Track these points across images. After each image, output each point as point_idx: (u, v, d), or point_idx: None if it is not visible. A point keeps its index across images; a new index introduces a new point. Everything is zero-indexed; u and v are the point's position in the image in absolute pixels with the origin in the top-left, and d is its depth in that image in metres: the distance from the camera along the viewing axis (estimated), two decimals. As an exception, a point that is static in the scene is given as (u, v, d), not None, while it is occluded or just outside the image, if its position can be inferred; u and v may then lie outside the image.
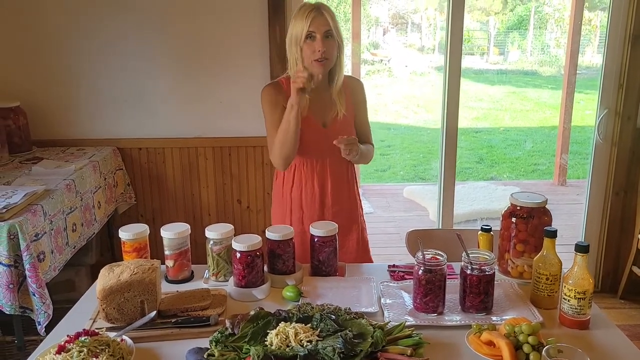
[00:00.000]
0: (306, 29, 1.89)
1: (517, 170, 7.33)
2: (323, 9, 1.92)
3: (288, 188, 2.10)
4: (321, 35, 1.90)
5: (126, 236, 1.68)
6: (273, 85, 2.08)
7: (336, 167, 2.08)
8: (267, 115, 2.06)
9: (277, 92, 2.04)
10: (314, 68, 1.94)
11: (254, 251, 1.60)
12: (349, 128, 2.07)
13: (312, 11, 1.90)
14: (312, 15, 1.90)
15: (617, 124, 3.16)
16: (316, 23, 1.90)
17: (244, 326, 1.33)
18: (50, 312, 2.00)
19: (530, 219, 1.64)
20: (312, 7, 1.92)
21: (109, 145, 2.98)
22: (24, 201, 2.05)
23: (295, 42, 1.94)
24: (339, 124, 2.05)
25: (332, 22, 1.92)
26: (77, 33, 2.89)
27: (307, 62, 1.94)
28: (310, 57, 1.93)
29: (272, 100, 2.04)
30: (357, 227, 2.17)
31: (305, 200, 2.08)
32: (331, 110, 2.06)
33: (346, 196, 2.12)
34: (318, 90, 2.03)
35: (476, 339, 1.33)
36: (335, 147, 2.00)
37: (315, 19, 1.90)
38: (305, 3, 1.97)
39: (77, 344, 1.24)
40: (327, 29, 1.91)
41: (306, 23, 1.90)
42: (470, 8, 11.08)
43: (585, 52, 10.36)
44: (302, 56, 1.94)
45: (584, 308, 1.43)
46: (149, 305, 1.45)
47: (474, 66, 11.49)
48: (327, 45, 1.91)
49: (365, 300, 1.58)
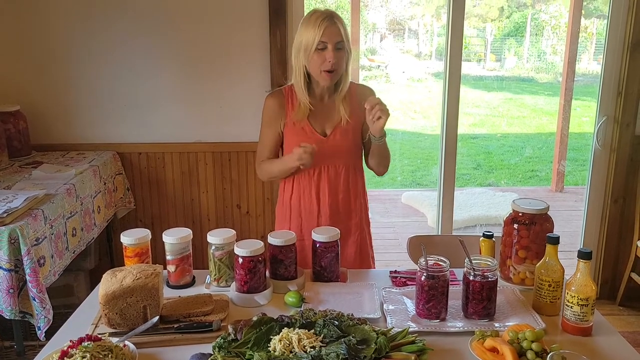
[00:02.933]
0: (318, 38, 1.85)
1: (514, 176, 7.34)
2: (336, 19, 1.87)
3: (288, 196, 2.09)
4: (333, 46, 1.86)
5: (128, 241, 1.67)
6: (276, 96, 2.06)
7: (334, 177, 2.03)
8: (263, 127, 2.07)
9: (279, 104, 2.02)
10: (322, 79, 1.92)
11: (256, 256, 1.60)
12: (351, 137, 2.03)
13: (324, 20, 1.85)
14: (324, 24, 1.84)
15: (616, 131, 3.17)
16: (328, 33, 1.85)
17: (247, 332, 1.33)
18: (50, 317, 1.99)
19: (533, 225, 1.65)
20: (324, 15, 1.87)
21: (108, 149, 2.97)
22: (24, 205, 2.04)
23: (304, 50, 1.89)
24: (340, 132, 2.01)
25: (343, 33, 1.87)
26: (78, 38, 2.89)
27: (315, 72, 1.91)
28: (320, 67, 1.89)
29: (271, 115, 2.04)
30: (355, 239, 2.11)
31: (304, 209, 2.07)
32: (333, 118, 2.02)
33: (345, 206, 2.07)
34: (321, 98, 2.02)
35: (479, 345, 1.33)
36: (335, 156, 2.01)
37: (328, 28, 1.85)
38: (316, 10, 1.90)
39: (80, 350, 1.23)
40: (339, 40, 1.87)
41: (318, 32, 1.84)
42: (467, 15, 11.08)
43: (581, 59, 10.41)
44: (310, 65, 1.91)
45: (586, 315, 1.43)
46: (152, 310, 1.45)
47: (470, 72, 11.52)
48: (337, 56, 1.87)
49: (368, 306, 1.58)
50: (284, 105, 2.02)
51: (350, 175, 2.06)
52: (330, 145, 2.00)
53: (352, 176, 2.07)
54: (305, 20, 1.90)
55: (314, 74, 1.93)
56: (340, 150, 2.03)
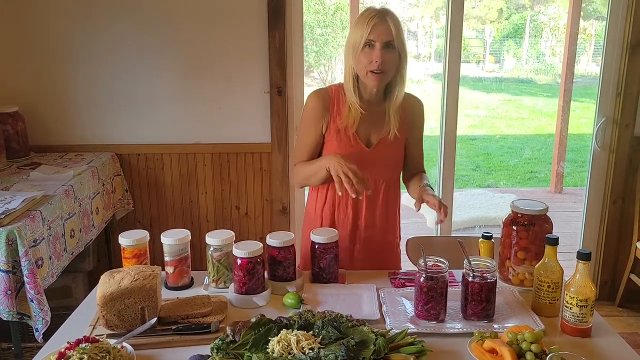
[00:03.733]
0: (365, 36, 1.72)
1: (513, 177, 7.35)
2: (387, 16, 1.73)
3: (320, 205, 1.94)
4: (381, 45, 1.71)
5: (126, 242, 1.67)
6: (321, 96, 1.88)
7: (373, 191, 1.86)
8: (303, 128, 1.91)
9: (323, 105, 1.86)
10: (369, 80, 1.78)
11: (254, 258, 1.59)
12: (396, 151, 1.91)
13: (374, 17, 1.72)
14: (373, 21, 1.71)
15: (615, 132, 3.18)
16: (377, 31, 1.71)
17: (245, 333, 1.32)
18: (48, 319, 1.99)
19: (532, 226, 1.65)
20: (375, 12, 1.73)
21: (107, 150, 2.97)
22: (22, 207, 2.04)
23: (352, 49, 1.77)
24: (386, 145, 1.87)
25: (395, 31, 1.72)
26: (77, 38, 2.89)
27: (361, 72, 1.78)
28: (366, 67, 1.75)
29: (314, 116, 1.87)
30: (390, 254, 2.00)
31: (338, 221, 1.93)
32: (380, 129, 1.87)
33: (382, 220, 1.93)
34: (369, 103, 1.86)
35: (478, 346, 1.33)
36: (376, 170, 1.87)
37: (377, 26, 1.71)
38: (369, 7, 1.76)
39: (77, 351, 1.23)
40: (388, 38, 1.72)
41: (366, 30, 1.71)
42: (466, 16, 11.09)
43: (580, 60, 10.42)
44: (357, 65, 1.77)
45: (586, 316, 1.43)
46: (150, 311, 1.44)
47: (470, 74, 11.54)
48: (385, 56, 1.72)
49: (366, 307, 1.57)
50: (329, 107, 1.86)
51: (390, 191, 1.94)
52: (373, 158, 1.86)
53: (392, 191, 1.95)
54: (357, 19, 1.78)
55: (360, 74, 1.79)
56: (384, 163, 1.90)
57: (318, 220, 1.96)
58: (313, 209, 1.98)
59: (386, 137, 1.86)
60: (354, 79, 1.81)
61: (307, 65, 10.58)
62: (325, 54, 10.87)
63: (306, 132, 1.90)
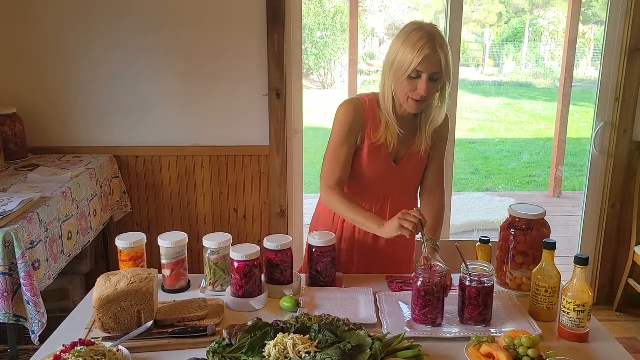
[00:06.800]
0: (414, 66, 1.62)
1: (512, 181, 7.35)
2: (439, 47, 1.62)
3: (339, 217, 1.88)
4: (427, 76, 1.64)
5: (123, 245, 1.66)
6: (357, 107, 1.79)
7: (398, 207, 1.76)
8: (336, 142, 1.79)
9: (360, 118, 1.78)
10: (408, 105, 1.71)
11: (251, 261, 1.59)
12: (421, 165, 1.87)
13: (425, 47, 1.61)
14: (425, 52, 1.60)
15: (614, 136, 3.18)
16: (427, 63, 1.61)
17: (242, 337, 1.32)
18: (44, 321, 1.98)
19: (529, 231, 1.65)
20: (426, 40, 1.61)
21: (105, 153, 2.96)
22: (19, 209, 2.03)
23: (395, 71, 1.67)
24: (413, 162, 1.83)
25: (444, 63, 1.64)
26: (75, 40, 2.89)
27: (401, 96, 1.71)
28: (408, 94, 1.68)
29: (350, 129, 1.78)
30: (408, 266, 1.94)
31: (359, 234, 1.88)
32: (410, 144, 1.82)
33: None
34: (402, 119, 1.79)
35: (475, 351, 1.33)
36: (401, 185, 1.84)
37: (428, 58, 1.61)
38: (419, 27, 1.65)
39: (73, 354, 1.22)
40: (436, 71, 1.64)
41: (416, 58, 1.61)
42: (466, 20, 11.15)
43: (579, 65, 10.45)
44: (397, 88, 1.70)
45: (583, 321, 1.42)
46: (146, 314, 1.44)
47: (469, 77, 11.56)
48: (431, 87, 1.66)
49: (364, 311, 1.57)
50: (364, 120, 1.78)
51: (410, 202, 1.90)
52: (400, 173, 1.83)
53: (411, 203, 1.91)
54: (405, 36, 1.66)
55: (400, 98, 1.72)
56: (409, 177, 1.88)
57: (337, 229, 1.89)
58: (331, 217, 1.91)
59: (415, 153, 1.83)
60: (393, 98, 1.75)
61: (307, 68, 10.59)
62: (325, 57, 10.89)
63: (340, 147, 1.79)
